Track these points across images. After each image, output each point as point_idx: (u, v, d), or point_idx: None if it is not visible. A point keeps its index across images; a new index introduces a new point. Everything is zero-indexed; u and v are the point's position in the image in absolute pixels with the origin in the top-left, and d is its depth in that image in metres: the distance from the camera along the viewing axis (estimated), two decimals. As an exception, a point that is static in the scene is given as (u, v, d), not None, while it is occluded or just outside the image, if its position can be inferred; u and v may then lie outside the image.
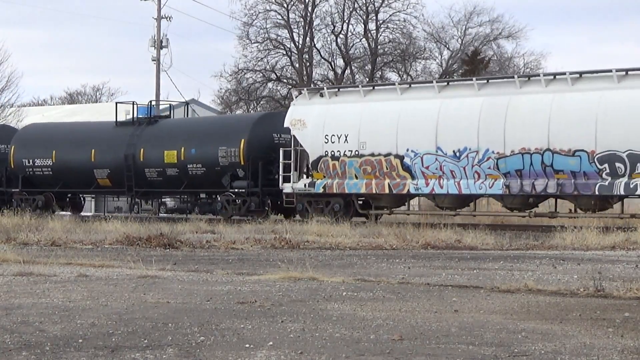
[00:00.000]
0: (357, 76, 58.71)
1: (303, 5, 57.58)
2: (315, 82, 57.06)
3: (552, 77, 26.66)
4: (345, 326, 8.49)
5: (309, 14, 57.34)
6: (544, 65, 61.15)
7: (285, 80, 57.97)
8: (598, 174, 24.68)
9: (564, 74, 26.18)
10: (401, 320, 8.88)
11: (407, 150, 27.49)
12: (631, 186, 24.14)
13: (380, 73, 58.37)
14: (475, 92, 27.09)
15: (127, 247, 18.89)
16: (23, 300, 10.24)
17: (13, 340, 7.77)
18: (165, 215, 33.72)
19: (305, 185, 29.27)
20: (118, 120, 35.23)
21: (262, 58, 57.80)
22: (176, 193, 34.29)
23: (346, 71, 58.76)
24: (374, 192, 28.04)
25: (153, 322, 8.67)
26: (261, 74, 58.29)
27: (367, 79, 55.26)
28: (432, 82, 29.57)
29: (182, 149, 32.11)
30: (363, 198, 28.99)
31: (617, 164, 24.46)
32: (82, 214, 35.54)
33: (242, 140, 30.97)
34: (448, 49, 60.75)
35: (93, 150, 34.51)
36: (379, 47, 57.95)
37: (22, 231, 21.83)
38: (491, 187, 26.31)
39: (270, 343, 7.67)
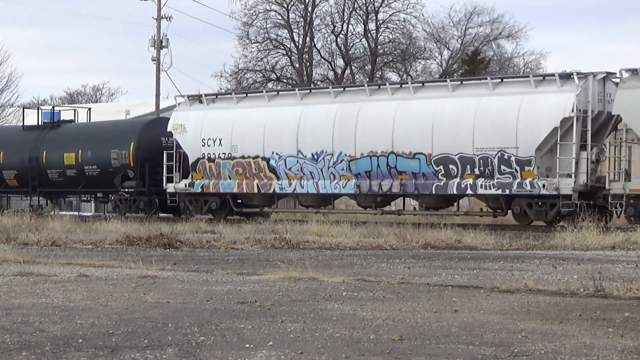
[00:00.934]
0: (357, 76, 58.73)
1: (303, 5, 57.59)
2: (315, 82, 57.08)
3: (398, 86, 29.46)
4: (345, 326, 8.49)
5: (309, 14, 57.35)
6: (544, 65, 61.23)
7: (285, 80, 57.96)
8: (435, 175, 27.14)
9: (407, 83, 29.45)
10: (401, 320, 8.87)
11: (273, 153, 30.09)
12: (462, 186, 26.59)
13: (380, 73, 58.39)
14: (331, 99, 29.57)
15: (127, 247, 18.89)
16: (23, 300, 10.24)
17: (13, 340, 7.77)
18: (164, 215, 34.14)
19: (185, 185, 31.86)
20: (25, 124, 37.89)
21: (262, 58, 57.83)
22: (75, 193, 36.76)
23: (346, 71, 58.77)
24: (244, 191, 30.74)
25: (153, 322, 8.67)
26: (261, 74, 58.29)
27: (367, 79, 55.26)
28: (294, 90, 32.48)
29: (80, 152, 34.78)
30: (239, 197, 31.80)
31: (451, 166, 26.87)
32: (82, 214, 35.77)
33: (132, 144, 33.46)
34: (448, 49, 60.81)
35: (2, 152, 37.15)
36: (379, 47, 57.96)
37: (22, 231, 21.83)
38: (344, 187, 28.88)
39: (270, 343, 7.67)
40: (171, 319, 8.85)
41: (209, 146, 31.42)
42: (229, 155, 30.96)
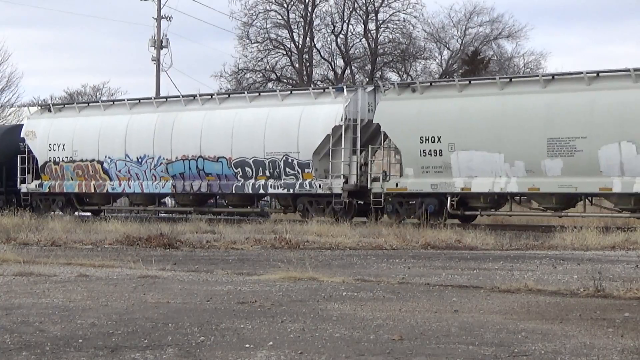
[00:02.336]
0: (357, 76, 58.74)
1: (303, 5, 57.59)
2: (315, 82, 57.08)
3: (208, 97, 32.88)
4: (345, 326, 8.49)
5: (309, 14, 57.35)
6: (544, 65, 61.17)
7: (285, 80, 57.97)
8: (235, 176, 30.67)
9: (214, 95, 33.12)
10: (401, 320, 8.87)
11: (106, 157, 33.74)
12: (256, 186, 30.23)
13: (380, 73, 58.39)
14: (154, 109, 33.20)
15: (127, 247, 18.89)
16: (23, 300, 10.24)
17: (13, 340, 7.77)
18: (165, 215, 34.38)
19: (36, 185, 35.50)
20: None
21: (262, 58, 57.82)
22: None
23: (346, 71, 58.77)
24: (84, 191, 34.41)
25: (153, 322, 8.67)
26: (261, 74, 58.29)
27: (367, 79, 55.27)
28: (124, 100, 35.49)
29: None
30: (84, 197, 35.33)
31: (247, 169, 30.47)
32: (82, 214, 35.88)
33: None
34: (448, 49, 60.78)
35: None
36: (379, 47, 57.96)
37: (22, 231, 21.84)
38: (164, 187, 32.39)
39: (270, 343, 7.67)
40: (171, 319, 8.85)
41: (54, 150, 35.00)
42: (71, 158, 34.58)
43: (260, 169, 30.04)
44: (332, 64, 59.01)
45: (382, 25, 57.99)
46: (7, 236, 20.45)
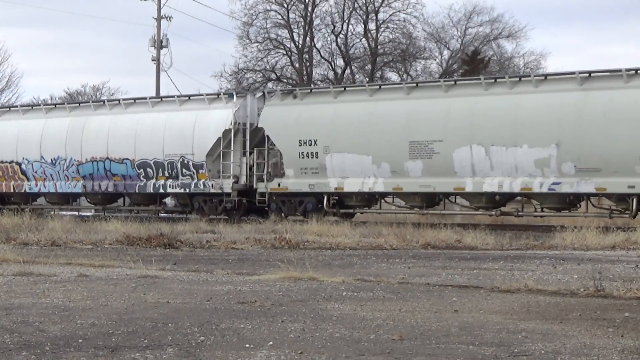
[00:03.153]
0: (357, 76, 58.74)
1: (303, 5, 57.59)
2: (315, 82, 57.08)
3: (116, 102, 35.09)
4: (345, 326, 8.49)
5: (309, 14, 57.36)
6: (544, 65, 61.14)
7: (285, 80, 57.96)
8: (138, 176, 32.61)
9: (119, 100, 35.24)
10: (401, 320, 8.87)
11: (23, 158, 35.58)
12: (157, 186, 32.26)
13: (380, 73, 58.38)
14: (67, 113, 35.13)
15: (127, 247, 18.89)
16: (23, 300, 10.24)
17: (13, 340, 7.77)
18: (165, 215, 34.43)
19: None
20: None
21: (262, 58, 57.83)
22: None
23: (346, 71, 58.77)
24: (4, 190, 36.27)
25: (153, 322, 8.67)
26: (261, 74, 58.30)
27: (367, 79, 55.27)
28: (40, 105, 37.80)
29: None
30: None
31: (148, 169, 32.40)
32: (82, 214, 36.06)
33: None
34: (448, 49, 60.77)
35: None
36: (379, 47, 57.96)
37: (22, 231, 21.84)
38: (75, 187, 34.32)
39: (270, 343, 7.67)
40: (171, 319, 8.85)
41: None
42: None
43: (160, 169, 32.17)
44: (332, 64, 59.04)
45: (382, 25, 58.02)
46: (7, 236, 20.45)
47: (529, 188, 25.90)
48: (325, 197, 29.05)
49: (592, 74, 25.84)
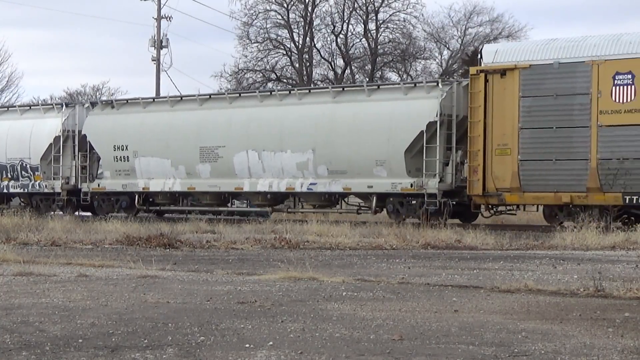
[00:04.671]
0: (357, 76, 58.74)
1: (303, 5, 57.59)
2: (315, 82, 57.08)
3: (5, 109, 38.10)
4: (345, 326, 8.49)
5: (309, 14, 57.36)
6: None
7: (285, 80, 57.96)
8: None
9: (15, 106, 38.57)
10: (401, 320, 8.87)
11: None
12: (1, 187, 35.69)
13: (380, 73, 58.38)
14: None
15: (127, 247, 18.89)
16: (23, 300, 10.24)
17: (13, 340, 7.77)
18: (167, 215, 34.61)
19: None
20: None
21: (262, 58, 57.83)
22: None
23: (346, 71, 58.76)
24: None
25: (153, 322, 8.67)
26: (261, 74, 58.31)
27: (367, 79, 55.26)
28: None
29: None
30: None
31: None
32: (82, 213, 36.14)
33: None
34: (448, 49, 60.78)
35: None
36: (379, 47, 57.96)
37: (22, 231, 21.84)
38: None
39: (270, 343, 7.67)
40: (171, 319, 8.85)
41: None
42: None
43: (4, 171, 35.77)
44: (332, 64, 59.05)
45: (382, 25, 58.01)
46: (7, 236, 20.44)
47: (293, 188, 29.69)
48: (137, 196, 32.88)
49: (345, 89, 30.73)
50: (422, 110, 27.57)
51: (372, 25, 57.97)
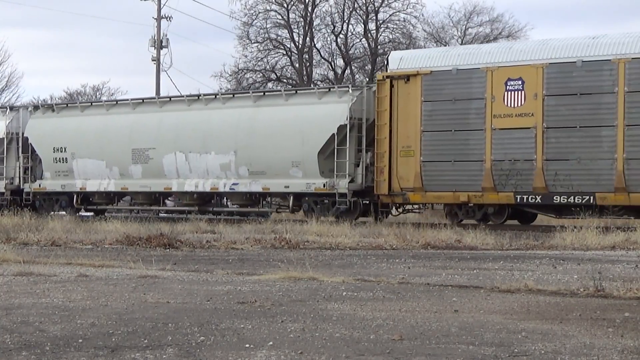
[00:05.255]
0: (357, 76, 58.73)
1: (303, 5, 57.58)
2: (315, 82, 57.08)
3: None
4: (345, 326, 8.49)
5: (309, 14, 57.35)
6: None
7: (285, 80, 57.96)
8: None
9: None
10: (401, 320, 8.87)
11: None
12: None
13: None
14: None
15: (127, 247, 18.89)
16: (23, 300, 10.24)
17: (13, 340, 7.77)
18: (165, 215, 34.70)
19: None
20: None
21: (262, 58, 57.83)
22: None
23: (346, 71, 58.75)
24: None
25: (153, 322, 8.67)
26: (261, 74, 58.31)
27: (367, 79, 55.25)
28: None
29: None
30: None
31: None
32: (82, 214, 36.27)
33: None
34: (448, 49, 60.70)
35: None
36: (379, 47, 57.96)
37: (22, 231, 21.84)
38: None
39: (270, 343, 7.67)
40: (171, 319, 8.85)
41: None
42: None
43: None
44: (332, 64, 59.04)
45: (382, 25, 58.02)
46: (7, 236, 20.45)
47: (217, 188, 31.42)
48: (75, 196, 34.64)
49: (266, 93, 32.41)
50: (333, 114, 29.09)
51: (372, 25, 58.01)
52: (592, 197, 25.39)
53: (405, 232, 21.14)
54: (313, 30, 57.82)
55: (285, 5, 57.40)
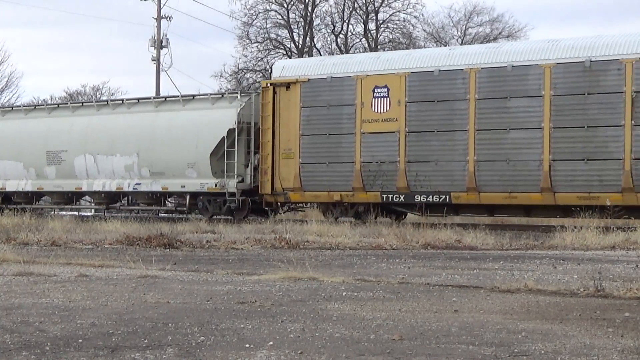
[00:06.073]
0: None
1: (303, 5, 57.59)
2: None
3: None
4: (345, 326, 8.49)
5: (309, 14, 57.35)
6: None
7: (285, 80, 57.84)
8: None
9: None
10: (401, 320, 8.87)
11: None
12: None
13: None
14: None
15: (127, 247, 18.89)
16: (23, 300, 10.24)
17: (13, 340, 7.77)
18: (165, 215, 34.78)
19: None
20: None
21: (262, 58, 57.84)
22: None
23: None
24: None
25: (153, 322, 8.67)
26: (261, 74, 58.29)
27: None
28: None
29: None
30: None
31: None
32: (82, 214, 36.39)
33: None
34: (448, 48, 60.70)
35: None
36: (379, 47, 57.96)
37: (22, 231, 21.83)
38: None
39: (271, 343, 7.67)
40: (171, 319, 8.85)
41: None
42: None
43: None
44: (332, 64, 58.92)
45: (382, 25, 58.03)
46: (7, 236, 20.45)
47: (122, 187, 33.39)
48: None
49: (167, 99, 34.00)
50: (223, 118, 31.28)
51: (372, 25, 58.03)
52: (447, 197, 27.35)
53: (405, 232, 21.14)
54: (313, 30, 57.84)
55: (285, 5, 57.42)
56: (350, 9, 57.92)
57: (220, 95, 32.86)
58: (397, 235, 20.69)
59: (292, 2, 57.39)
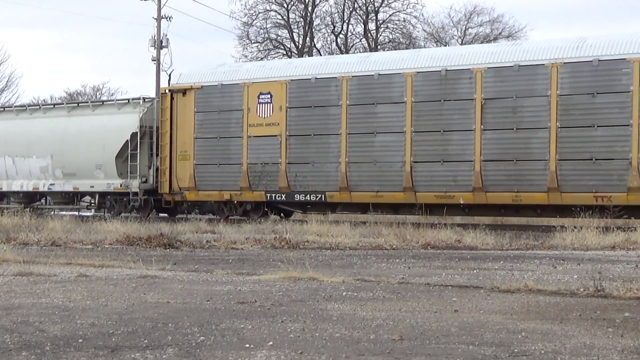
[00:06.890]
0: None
1: (303, 5, 57.60)
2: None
3: None
4: (345, 326, 8.49)
5: (309, 14, 57.36)
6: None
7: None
8: None
9: None
10: (401, 320, 8.87)
11: None
12: None
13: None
14: None
15: (127, 247, 18.89)
16: (23, 300, 10.24)
17: (13, 340, 7.77)
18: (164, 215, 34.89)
19: None
20: None
21: (262, 58, 57.82)
22: None
23: (346, 71, 58.62)
24: None
25: (153, 322, 8.67)
26: (261, 74, 58.22)
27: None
28: None
29: None
30: None
31: None
32: (82, 214, 36.51)
33: None
34: (448, 49, 60.69)
35: None
36: (379, 47, 57.96)
37: (22, 231, 21.83)
38: None
39: (270, 343, 7.67)
40: (171, 319, 8.85)
41: None
42: None
43: None
44: (332, 64, 58.90)
45: (382, 25, 58.06)
46: (7, 236, 20.45)
47: (38, 187, 35.59)
48: None
49: (79, 104, 36.41)
50: (127, 122, 33.51)
51: (372, 25, 58.05)
52: (323, 196, 29.48)
53: (405, 232, 21.14)
54: (313, 30, 57.83)
55: (285, 5, 57.43)
56: (350, 9, 57.96)
57: (127, 101, 34.54)
58: (397, 235, 20.69)
59: (292, 2, 57.41)
